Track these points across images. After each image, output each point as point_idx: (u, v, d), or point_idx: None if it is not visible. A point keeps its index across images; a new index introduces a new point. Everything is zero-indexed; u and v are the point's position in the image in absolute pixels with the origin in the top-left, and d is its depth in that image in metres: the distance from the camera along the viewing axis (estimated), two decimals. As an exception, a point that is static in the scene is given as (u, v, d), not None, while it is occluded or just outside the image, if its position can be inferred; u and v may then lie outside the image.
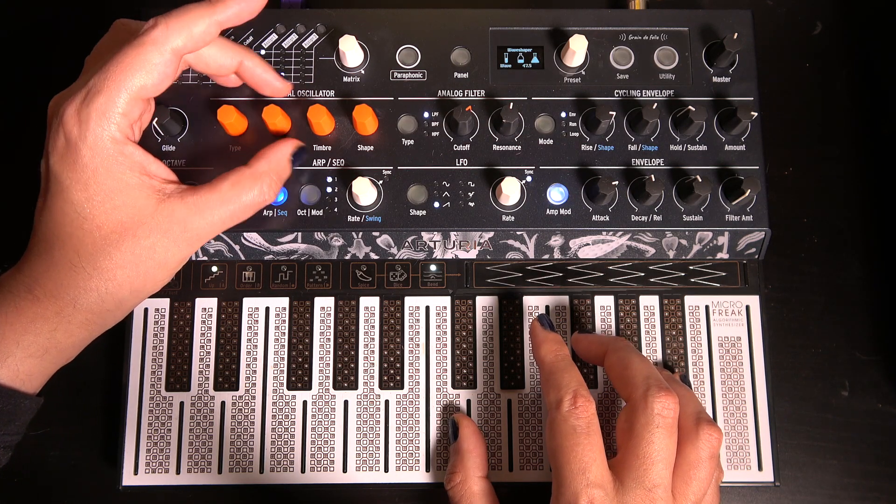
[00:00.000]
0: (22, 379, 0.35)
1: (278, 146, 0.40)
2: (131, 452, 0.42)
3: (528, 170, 0.44)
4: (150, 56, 0.35)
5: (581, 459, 0.35)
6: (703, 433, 0.36)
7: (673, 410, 0.36)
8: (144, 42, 0.35)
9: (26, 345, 0.35)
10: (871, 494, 0.45)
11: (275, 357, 0.44)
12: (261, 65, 0.41)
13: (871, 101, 0.50)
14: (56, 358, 0.37)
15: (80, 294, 0.36)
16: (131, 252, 0.36)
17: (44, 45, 0.50)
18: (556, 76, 0.45)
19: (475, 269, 0.45)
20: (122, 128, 0.36)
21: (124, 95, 0.35)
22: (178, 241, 0.37)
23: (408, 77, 0.45)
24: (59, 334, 0.36)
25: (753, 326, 0.44)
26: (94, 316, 0.37)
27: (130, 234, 0.36)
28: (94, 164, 0.35)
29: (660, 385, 0.37)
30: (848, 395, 0.46)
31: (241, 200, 0.38)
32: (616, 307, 0.44)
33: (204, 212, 0.37)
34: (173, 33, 0.36)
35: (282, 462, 0.42)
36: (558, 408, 0.37)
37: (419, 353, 0.44)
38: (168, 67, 0.36)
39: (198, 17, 0.36)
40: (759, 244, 0.44)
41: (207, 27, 0.37)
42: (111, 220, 0.36)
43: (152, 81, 0.36)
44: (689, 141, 0.44)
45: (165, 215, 0.37)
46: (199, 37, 0.37)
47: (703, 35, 0.45)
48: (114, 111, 0.35)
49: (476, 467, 0.40)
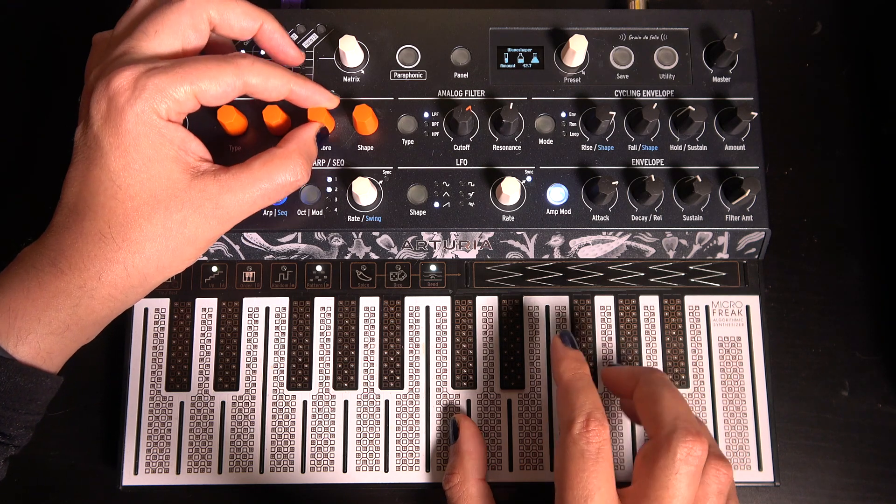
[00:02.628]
0: (43, 357, 0.35)
1: (303, 128, 0.41)
2: (131, 452, 0.42)
3: (528, 170, 0.44)
4: (225, 74, 0.37)
5: (585, 486, 0.34)
6: (710, 469, 0.35)
7: (699, 458, 0.34)
8: (229, 62, 0.38)
9: (48, 321, 0.35)
10: (871, 494, 0.45)
11: (275, 357, 0.44)
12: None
13: (871, 101, 0.50)
14: (77, 336, 0.36)
15: (106, 266, 0.35)
16: (162, 225, 0.36)
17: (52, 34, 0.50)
18: (556, 76, 0.45)
19: (475, 269, 0.45)
20: (171, 111, 0.37)
21: (186, 87, 0.36)
22: (208, 218, 0.37)
23: (408, 77, 0.45)
24: (81, 310, 0.35)
25: (753, 326, 0.44)
26: (118, 292, 0.36)
27: (163, 207, 0.36)
28: (136, 131, 0.36)
29: (689, 427, 0.34)
30: (848, 395, 0.46)
31: (274, 180, 0.38)
32: (616, 307, 0.44)
33: (236, 190, 0.37)
34: (256, 72, 0.38)
35: (282, 462, 0.42)
36: (569, 429, 0.36)
37: (419, 353, 0.44)
38: (232, 90, 0.38)
39: (280, 76, 0.39)
40: (759, 244, 0.44)
41: (281, 86, 0.39)
42: (145, 191, 0.36)
43: (213, 92, 0.37)
44: (689, 141, 0.44)
45: (198, 190, 0.37)
46: (272, 89, 0.39)
47: (703, 35, 0.45)
48: (170, 93, 0.36)
49: (475, 469, 0.40)
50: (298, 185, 0.40)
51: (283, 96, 0.40)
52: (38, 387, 0.35)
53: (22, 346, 0.34)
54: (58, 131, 0.47)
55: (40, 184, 0.48)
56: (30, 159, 0.49)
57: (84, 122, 0.37)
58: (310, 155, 0.41)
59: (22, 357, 0.34)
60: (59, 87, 0.49)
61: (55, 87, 0.50)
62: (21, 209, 0.48)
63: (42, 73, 0.50)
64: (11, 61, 0.50)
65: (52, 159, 0.38)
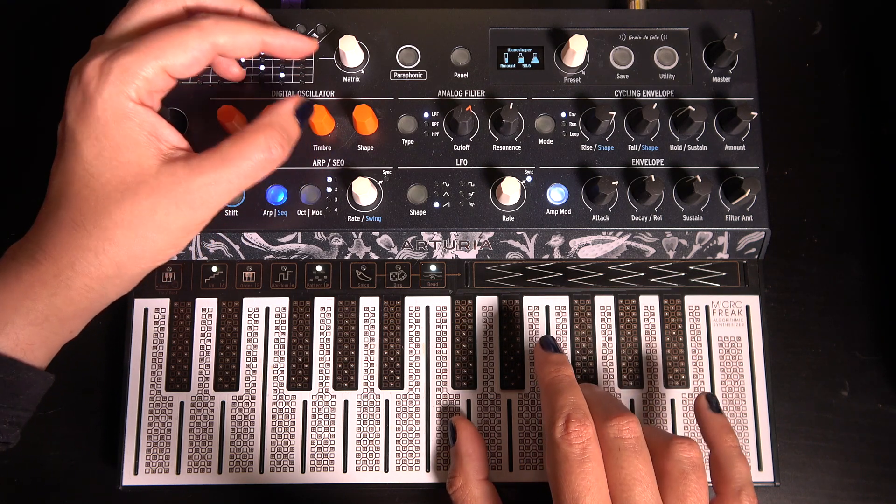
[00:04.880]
0: (23, 348, 0.35)
1: (280, 102, 0.39)
2: (131, 452, 0.42)
3: (528, 170, 0.44)
4: (190, 39, 0.36)
5: (575, 489, 0.34)
6: None
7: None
8: (191, 26, 0.37)
9: (25, 311, 0.34)
10: (871, 494, 0.45)
11: (275, 357, 0.44)
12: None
13: (871, 101, 0.50)
14: (57, 328, 0.36)
15: (79, 255, 0.35)
16: (130, 212, 0.35)
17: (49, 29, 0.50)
18: (556, 76, 0.45)
19: (475, 269, 0.45)
20: (141, 91, 0.36)
21: (153, 63, 0.36)
22: (179, 204, 0.36)
23: (408, 77, 0.45)
24: (58, 300, 0.35)
25: (753, 326, 0.44)
26: (93, 281, 0.36)
27: (131, 193, 0.35)
28: (105, 117, 0.35)
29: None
30: (848, 395, 0.46)
31: (246, 158, 0.37)
32: (616, 307, 0.44)
33: (207, 171, 0.36)
34: (221, 30, 0.37)
35: (282, 462, 0.42)
36: (551, 433, 0.36)
37: (419, 353, 0.44)
38: (202, 55, 0.37)
39: (249, 28, 0.38)
40: (759, 244, 0.44)
41: (252, 39, 0.38)
42: (115, 178, 0.36)
43: (182, 61, 0.36)
44: (689, 141, 0.44)
45: (167, 175, 0.36)
46: (243, 44, 0.38)
47: (703, 35, 0.45)
48: (138, 72, 0.35)
49: (476, 470, 0.40)
50: (274, 162, 0.37)
51: (257, 50, 0.39)
52: (20, 380, 0.35)
53: (1, 337, 0.34)
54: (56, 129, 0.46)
55: (38, 181, 0.47)
56: (29, 157, 0.49)
57: (63, 118, 0.37)
58: (286, 130, 0.38)
59: (1, 349, 0.34)
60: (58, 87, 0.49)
61: (55, 85, 0.49)
62: (18, 207, 0.48)
63: (41, 74, 0.50)
64: (11, 61, 0.50)
65: (51, 157, 0.38)
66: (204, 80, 0.44)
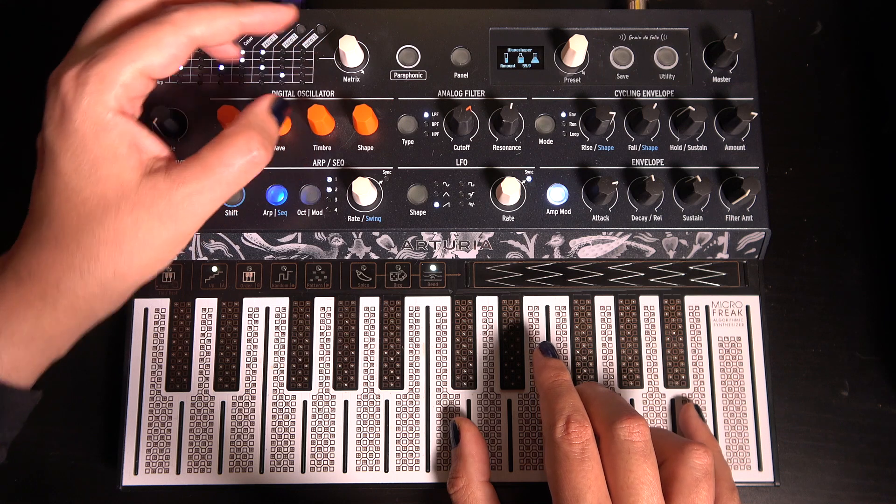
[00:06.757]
0: (7, 370, 0.33)
1: (255, 102, 0.38)
2: (131, 452, 0.42)
3: (528, 170, 0.44)
4: (165, 36, 0.35)
5: (574, 487, 0.34)
6: None
7: None
8: (164, 22, 0.35)
9: (10, 333, 0.33)
10: (871, 494, 0.45)
11: (275, 357, 0.44)
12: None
13: (871, 101, 0.50)
14: (44, 348, 0.35)
15: (63, 274, 0.34)
16: (113, 229, 0.34)
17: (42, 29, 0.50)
18: (556, 76, 0.45)
19: (475, 269, 0.45)
20: (120, 98, 0.35)
21: (130, 67, 0.34)
22: (162, 218, 0.35)
23: (408, 77, 0.45)
24: (44, 321, 0.34)
25: (753, 326, 0.44)
26: (80, 301, 0.35)
27: (113, 209, 0.34)
28: (83, 129, 0.34)
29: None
30: (848, 395, 0.46)
31: (227, 164, 0.35)
32: (616, 307, 0.44)
33: (189, 182, 0.35)
34: (195, 20, 0.36)
35: (282, 462, 0.42)
36: (552, 433, 0.36)
37: (419, 353, 0.44)
38: (180, 51, 0.36)
39: (223, 13, 0.37)
40: (759, 244, 0.44)
41: (229, 24, 0.37)
42: (95, 194, 0.34)
43: (160, 61, 0.35)
44: (689, 141, 0.44)
45: (148, 188, 0.35)
46: (220, 31, 0.37)
47: (703, 35, 0.45)
48: (115, 79, 0.34)
49: (478, 472, 0.40)
50: (257, 165, 0.36)
51: (237, 34, 0.38)
52: (4, 402, 0.33)
53: None
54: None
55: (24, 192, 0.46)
56: (14, 166, 0.48)
57: (41, 130, 0.35)
58: (264, 129, 0.37)
59: None
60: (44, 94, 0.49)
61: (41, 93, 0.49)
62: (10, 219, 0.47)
63: (40, 76, 0.50)
64: (10, 61, 0.50)
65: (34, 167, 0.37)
66: (204, 79, 0.44)
